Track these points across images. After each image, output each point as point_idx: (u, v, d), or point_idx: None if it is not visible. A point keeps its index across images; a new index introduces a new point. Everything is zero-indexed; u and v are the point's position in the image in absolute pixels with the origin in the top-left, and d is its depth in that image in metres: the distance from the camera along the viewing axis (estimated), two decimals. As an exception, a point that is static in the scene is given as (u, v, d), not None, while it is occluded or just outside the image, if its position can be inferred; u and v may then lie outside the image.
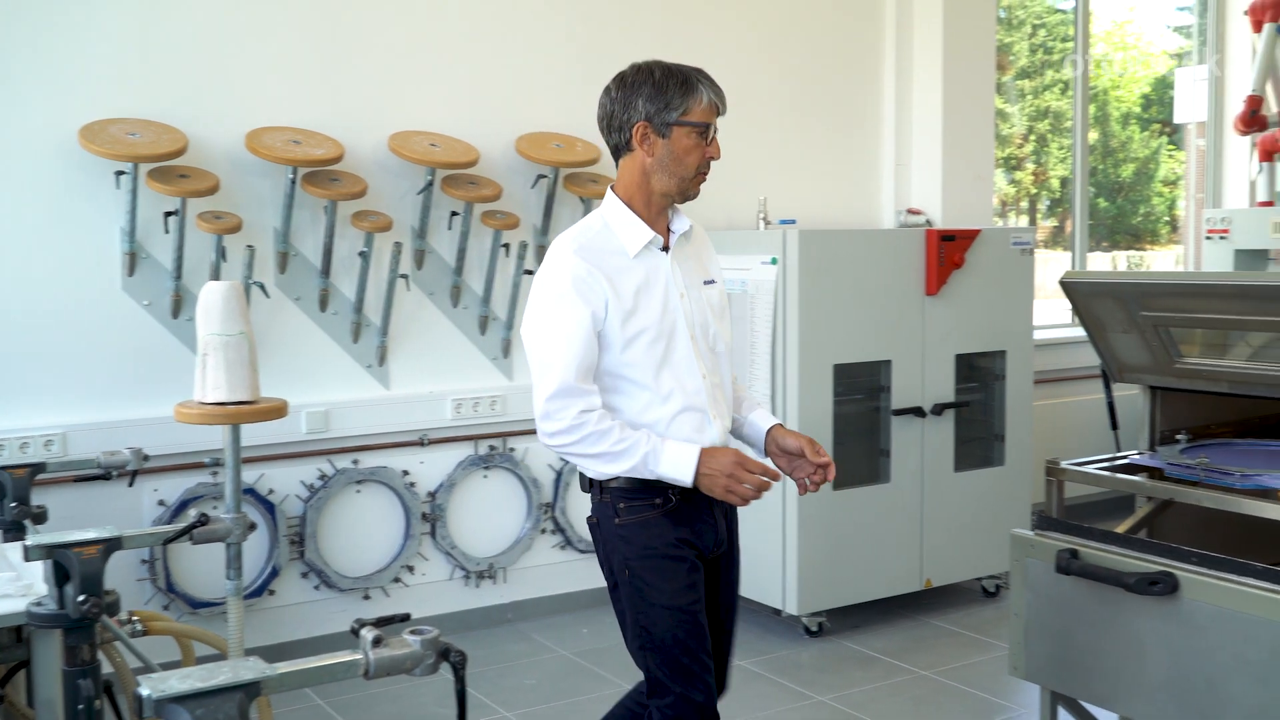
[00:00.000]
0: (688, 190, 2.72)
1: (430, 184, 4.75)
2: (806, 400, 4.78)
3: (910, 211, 5.95)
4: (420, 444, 4.91)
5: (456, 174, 4.82)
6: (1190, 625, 2.52)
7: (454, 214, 4.87)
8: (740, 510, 5.16)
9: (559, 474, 5.23)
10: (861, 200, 6.04)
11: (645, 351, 2.62)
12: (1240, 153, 7.83)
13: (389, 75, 4.82)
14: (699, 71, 2.71)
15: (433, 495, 4.96)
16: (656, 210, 2.72)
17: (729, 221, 5.61)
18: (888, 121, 6.05)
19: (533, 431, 5.06)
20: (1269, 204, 6.58)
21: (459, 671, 1.93)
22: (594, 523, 2.75)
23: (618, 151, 2.73)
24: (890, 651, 4.76)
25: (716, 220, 5.58)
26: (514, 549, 5.15)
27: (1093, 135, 7.83)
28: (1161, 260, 8.69)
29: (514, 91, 5.09)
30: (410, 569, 4.93)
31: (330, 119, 4.67)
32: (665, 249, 2.72)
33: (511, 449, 5.12)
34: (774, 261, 4.81)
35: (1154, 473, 2.88)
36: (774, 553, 4.89)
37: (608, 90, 2.72)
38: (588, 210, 5.11)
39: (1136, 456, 2.98)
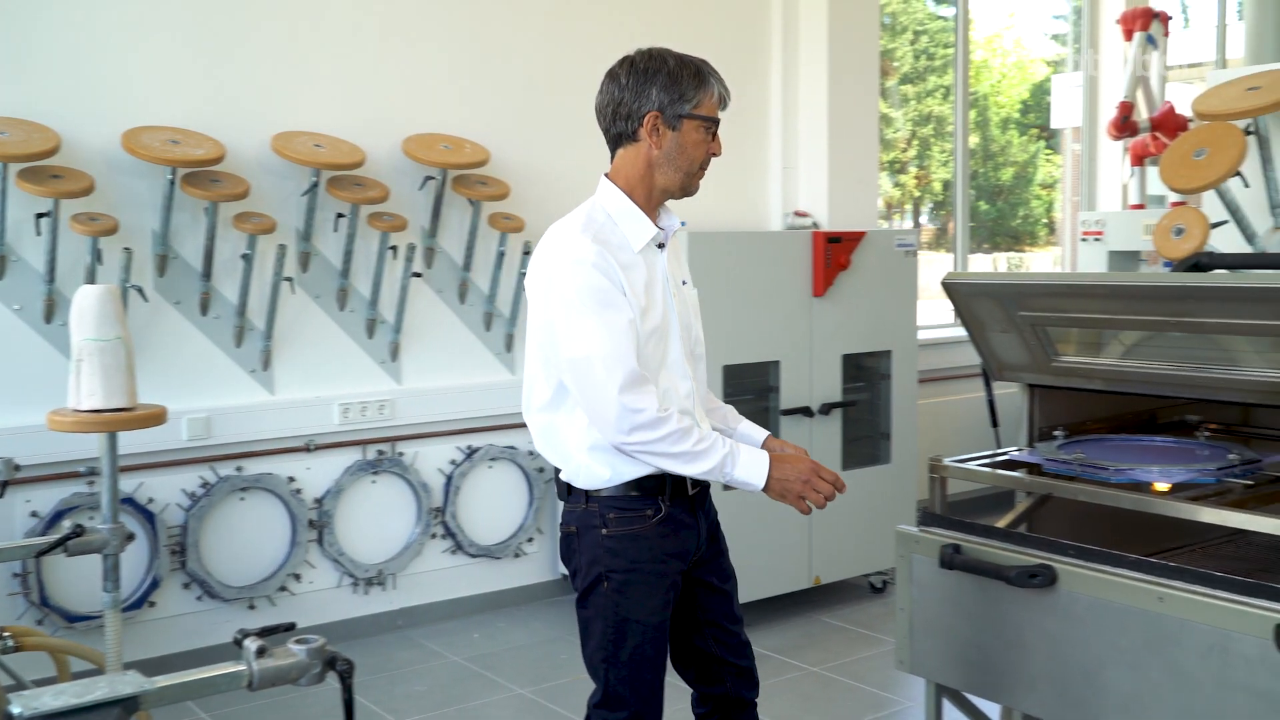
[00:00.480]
0: (689, 186, 2.64)
1: (315, 185, 4.68)
2: (697, 401, 4.81)
3: (797, 214, 6.02)
4: (306, 450, 4.83)
5: (342, 175, 4.75)
6: (1068, 616, 2.58)
7: (340, 216, 4.79)
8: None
9: (449, 478, 5.18)
10: (749, 203, 6.10)
11: (652, 351, 2.52)
12: (1114, 157, 8.09)
13: (272, 74, 4.73)
14: (708, 64, 2.62)
15: (320, 502, 4.88)
16: (656, 204, 2.63)
17: (619, 223, 5.60)
18: (775, 125, 6.12)
19: (423, 435, 5.07)
20: (1140, 207, 6.81)
21: (346, 680, 1.90)
22: (572, 531, 2.62)
23: (618, 140, 2.62)
24: (780, 649, 4.81)
25: (606, 222, 5.58)
26: (403, 555, 5.10)
27: (973, 140, 8.02)
28: (1040, 261, 8.94)
29: (401, 91, 5.04)
30: (297, 577, 4.84)
31: (211, 118, 4.56)
32: (660, 246, 2.63)
33: (401, 453, 5.06)
34: (663, 263, 4.81)
35: (1033, 468, 2.96)
36: (666, 553, 4.90)
37: (614, 76, 2.59)
38: (477, 213, 5.08)
39: (1016, 453, 3.05)
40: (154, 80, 4.48)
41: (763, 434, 2.82)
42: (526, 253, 5.21)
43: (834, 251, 5.16)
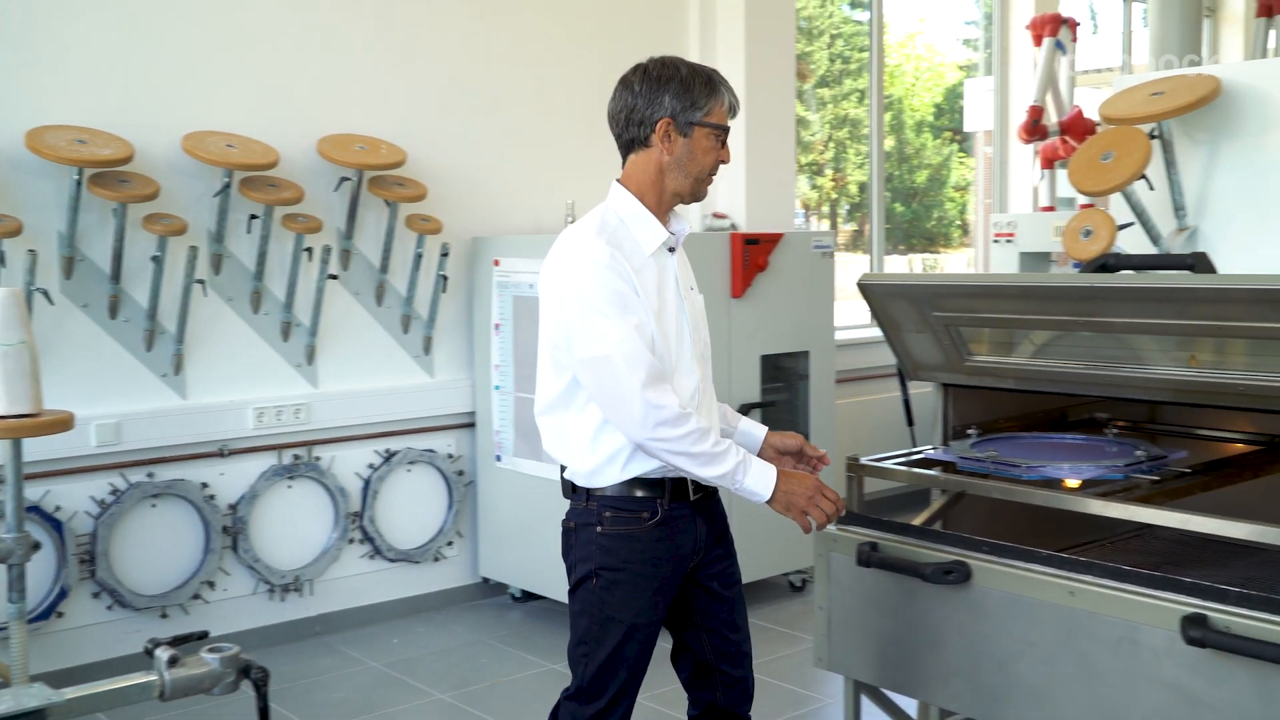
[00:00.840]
0: (698, 191, 2.68)
1: (227, 186, 4.60)
2: (617, 403, 4.81)
3: (715, 215, 6.05)
4: (220, 455, 4.75)
5: (255, 176, 4.67)
6: (982, 611, 2.63)
7: (253, 217, 4.72)
8: (548, 512, 5.15)
9: (367, 482, 5.13)
10: (668, 204, 6.11)
11: (664, 353, 2.55)
12: (1024, 160, 8.25)
13: (182, 72, 4.64)
14: (718, 73, 2.67)
15: (234, 507, 4.80)
16: (666, 209, 2.68)
17: (536, 225, 5.60)
18: (693, 127, 6.13)
19: (340, 439, 5.02)
20: (1051, 209, 6.95)
21: (261, 689, 1.88)
22: (571, 527, 2.68)
23: (630, 146, 2.68)
24: (702, 649, 4.83)
25: (524, 224, 5.57)
26: (321, 560, 5.03)
27: (889, 143, 8.12)
28: (953, 262, 9.08)
29: (316, 91, 4.98)
30: (211, 585, 4.75)
31: (119, 117, 4.46)
32: (671, 250, 2.69)
33: (317, 458, 5.00)
34: (583, 265, 4.81)
35: (947, 466, 3.00)
36: (587, 555, 4.90)
37: (628, 83, 2.66)
38: (394, 214, 5.04)
39: (931, 451, 3.09)
40: (60, 78, 4.38)
41: (762, 430, 2.87)
42: (445, 254, 5.17)
43: (752, 253, 5.19)
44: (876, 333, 3.23)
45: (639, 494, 2.60)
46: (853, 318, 7.06)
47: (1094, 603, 2.43)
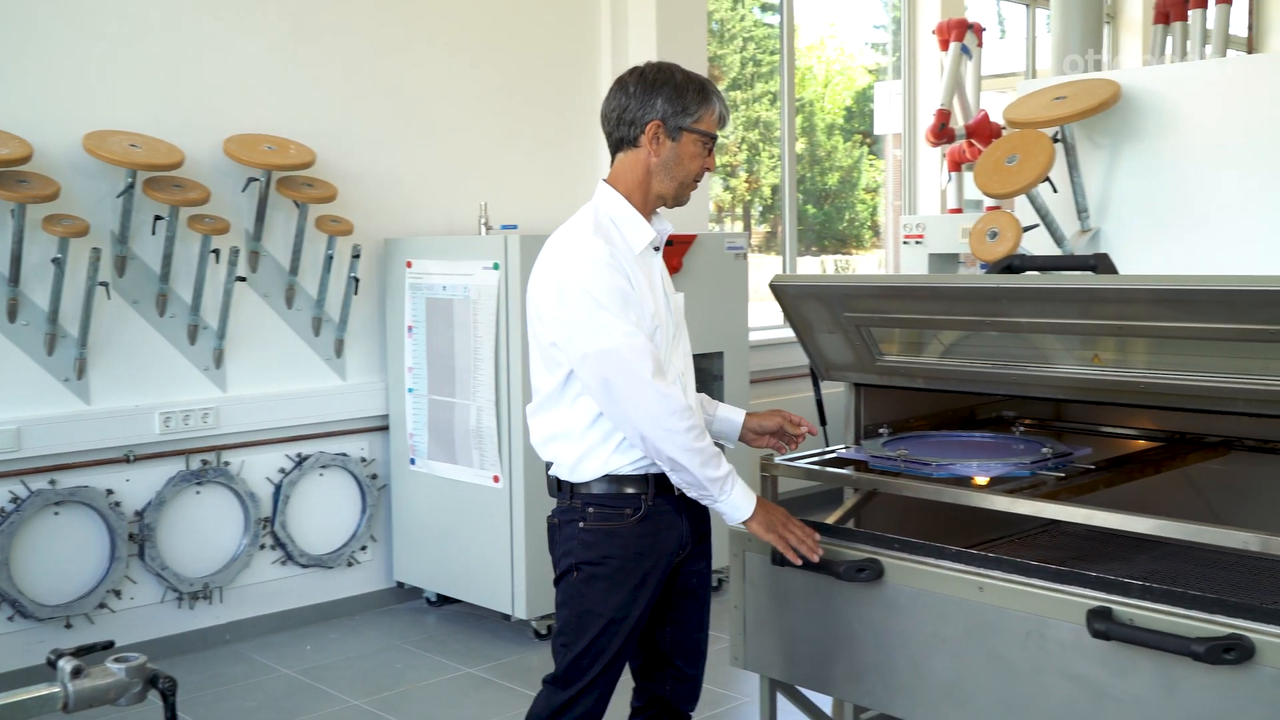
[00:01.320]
0: (681, 196, 2.74)
1: (131, 186, 4.50)
2: (532, 404, 4.80)
3: (630, 217, 6.05)
4: (126, 461, 4.64)
5: (160, 176, 4.58)
6: (894, 608, 2.66)
7: (158, 218, 4.62)
8: (463, 515, 5.13)
9: (278, 487, 5.05)
10: (582, 205, 6.10)
11: (658, 349, 2.61)
12: (932, 163, 8.39)
13: (84, 69, 4.53)
14: (712, 82, 2.70)
15: (140, 514, 4.69)
16: (650, 210, 2.73)
17: (450, 227, 5.57)
18: (606, 128, 6.14)
19: (250, 444, 4.94)
20: (958, 211, 7.08)
21: (168, 699, 1.84)
22: (555, 523, 2.74)
23: (619, 145, 2.70)
24: (618, 650, 4.83)
25: (437, 225, 5.54)
26: (230, 567, 4.95)
27: (800, 145, 8.20)
28: (865, 264, 9.20)
29: (222, 90, 4.89)
30: (117, 593, 4.65)
31: (17, 116, 4.35)
32: (656, 249, 2.74)
33: (226, 463, 4.91)
34: (496, 267, 4.80)
35: (859, 465, 3.04)
36: (501, 557, 4.88)
37: (623, 84, 2.68)
38: (303, 215, 4.97)
39: (843, 450, 3.13)
40: (-46, 75, 4.25)
41: (740, 413, 2.93)
42: (356, 256, 5.11)
43: (666, 254, 5.14)
44: (789, 333, 3.26)
45: (624, 490, 2.64)
46: (766, 319, 7.11)
47: (1003, 598, 2.47)
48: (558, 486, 2.72)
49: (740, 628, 2.99)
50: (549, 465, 2.74)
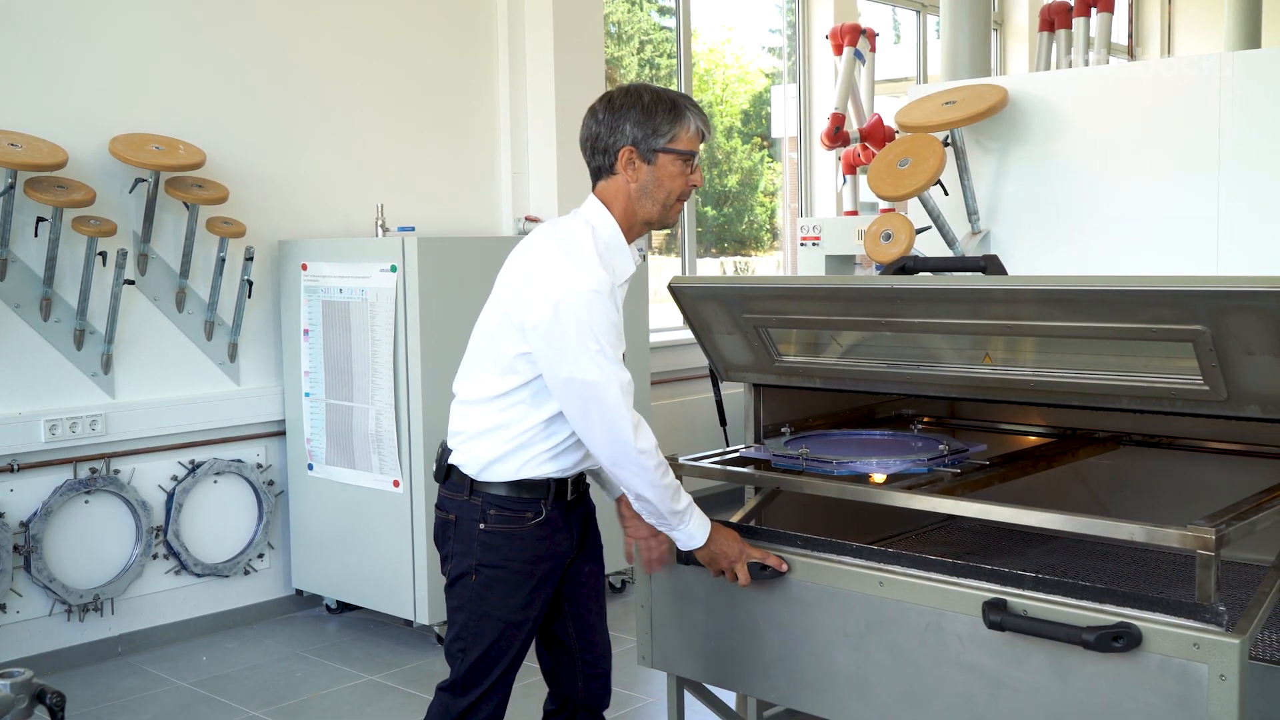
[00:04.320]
0: (667, 218, 2.68)
1: (11, 187, 4.36)
2: (430, 408, 4.76)
3: (528, 219, 6.05)
4: (10, 470, 4.50)
5: (42, 177, 4.45)
6: (798, 604, 2.69)
7: (41, 220, 4.49)
8: (363, 520, 5.07)
9: (171, 495, 4.94)
10: (480, 208, 6.09)
11: None
12: (828, 166, 8.51)
13: (-39, 67, 4.39)
14: (686, 98, 2.65)
15: (26, 525, 4.55)
16: (635, 235, 2.69)
17: (347, 228, 5.50)
18: (504, 131, 6.13)
19: (141, 451, 4.82)
20: (854, 213, 7.19)
21: (57, 714, 1.79)
22: (450, 520, 2.69)
23: (599, 173, 2.67)
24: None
25: (333, 227, 5.46)
26: (122, 578, 4.82)
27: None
28: (764, 265, 9.29)
29: (108, 87, 4.77)
30: (2, 607, 4.50)
31: (-110, 114, 4.19)
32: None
33: (116, 471, 4.78)
34: (393, 269, 4.75)
35: (761, 464, 3.07)
36: (403, 563, 4.84)
37: (593, 112, 2.65)
38: (194, 217, 4.87)
39: (746, 450, 3.16)
40: None
41: None
42: (249, 258, 5.02)
43: (566, 256, 5.19)
44: (689, 335, 3.28)
45: (524, 495, 2.64)
46: (666, 320, 7.14)
47: (902, 591, 2.52)
48: (447, 476, 2.70)
49: (647, 627, 3.00)
50: (446, 452, 2.72)
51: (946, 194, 4.63)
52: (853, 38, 7.38)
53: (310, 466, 5.16)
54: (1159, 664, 2.18)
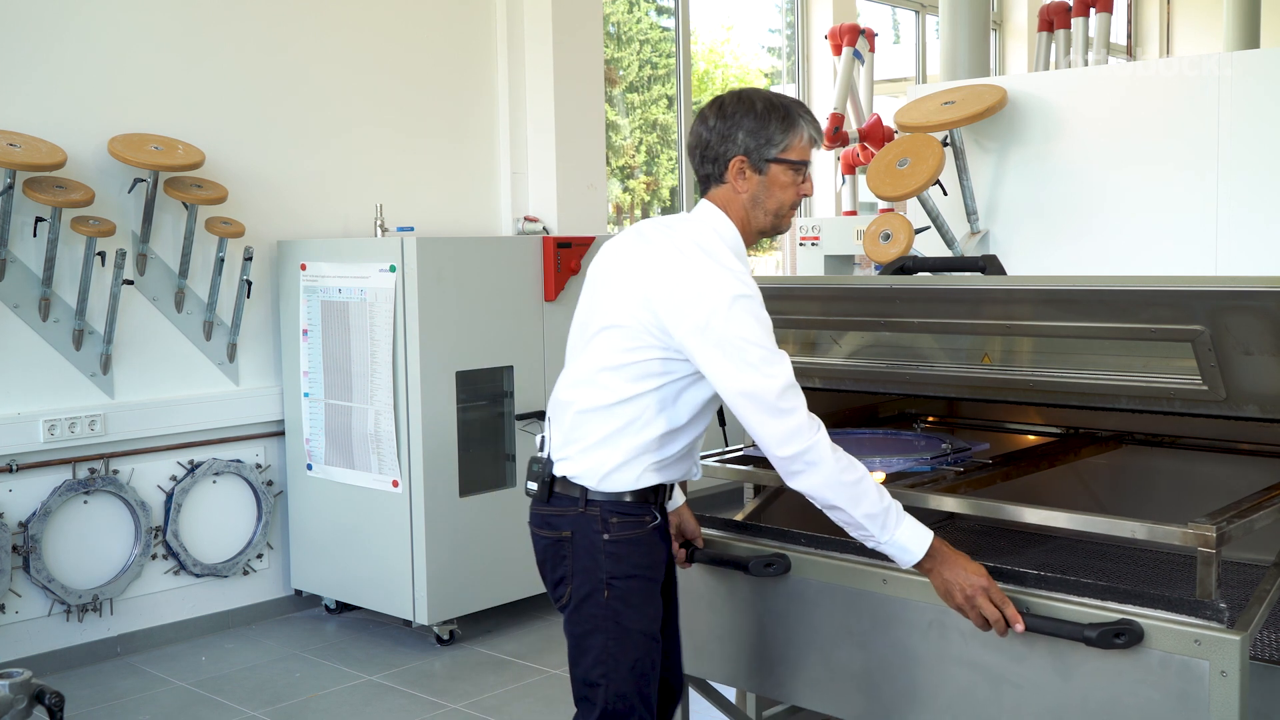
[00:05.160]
0: (780, 226, 2.58)
1: (10, 187, 4.36)
2: (430, 408, 4.76)
3: (527, 219, 6.05)
4: (9, 470, 4.50)
5: (41, 177, 4.45)
6: (801, 601, 2.70)
7: (40, 220, 4.49)
8: (362, 520, 5.07)
9: (169, 495, 4.94)
10: (479, 208, 6.09)
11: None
12: (827, 166, 8.51)
13: (-40, 67, 4.39)
14: (799, 105, 2.55)
15: (25, 525, 4.55)
16: (750, 243, 2.59)
17: (346, 229, 5.50)
18: (502, 131, 6.13)
19: (140, 451, 4.81)
20: (852, 214, 7.19)
21: (55, 714, 1.79)
22: (565, 536, 2.52)
23: (707, 181, 2.55)
24: (522, 654, 4.82)
25: (331, 227, 5.46)
26: (121, 578, 4.82)
27: (697, 147, 8.24)
28: (762, 265, 9.29)
29: (107, 87, 4.77)
30: (1, 608, 4.50)
31: (-111, 114, 4.19)
32: None
33: (115, 471, 4.78)
34: (392, 269, 4.75)
35: (762, 462, 3.06)
36: (402, 563, 4.84)
37: (703, 118, 2.54)
38: (193, 217, 4.87)
39: (749, 449, 3.15)
40: None
41: (681, 498, 2.82)
42: (248, 259, 5.02)
43: (564, 256, 5.21)
44: (689, 334, 3.26)
45: (639, 499, 2.51)
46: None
47: (905, 589, 2.52)
48: (551, 491, 2.55)
49: None
50: (550, 464, 2.56)
51: (945, 194, 4.63)
52: (852, 38, 7.38)
53: (309, 467, 5.16)
54: (1160, 660, 2.19)
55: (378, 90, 5.65)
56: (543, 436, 2.64)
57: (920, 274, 2.87)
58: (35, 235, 4.52)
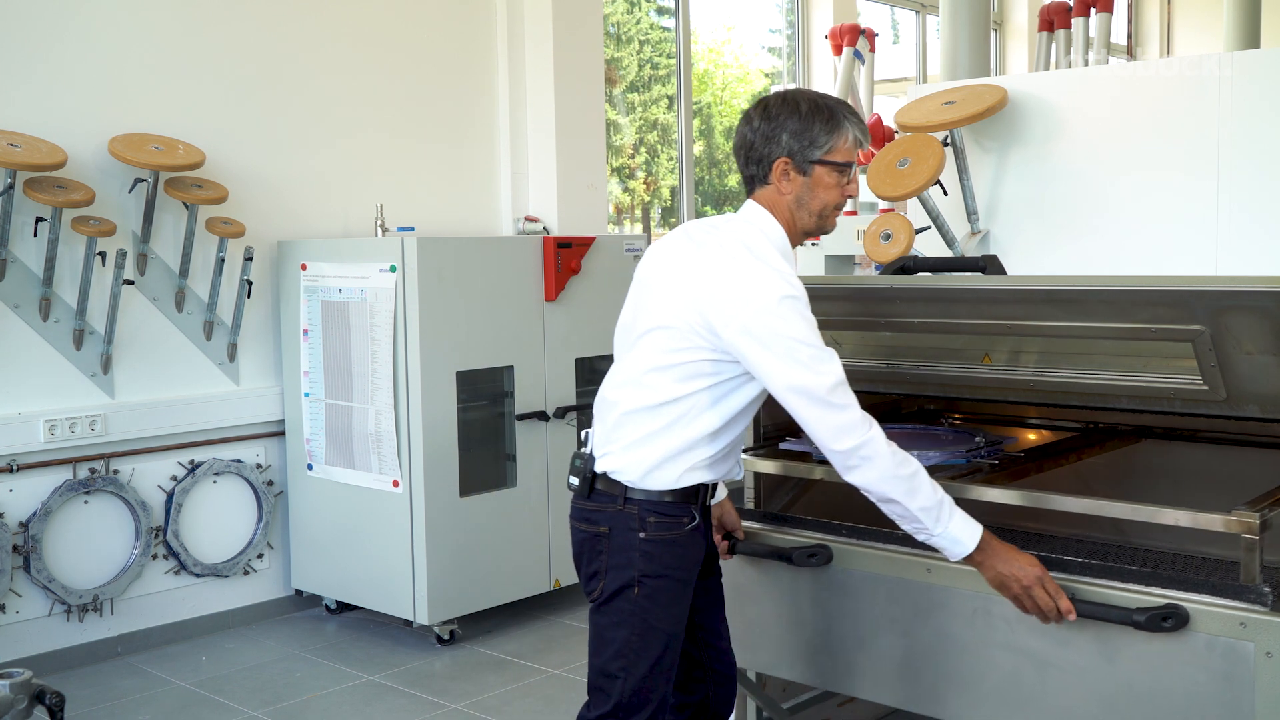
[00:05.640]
0: (824, 227, 2.59)
1: (11, 187, 4.36)
2: (430, 408, 4.76)
3: (528, 219, 6.05)
4: (9, 470, 4.50)
5: (42, 177, 4.45)
6: (843, 591, 2.74)
7: (40, 220, 4.49)
8: (363, 520, 5.07)
9: (170, 495, 4.94)
10: (480, 208, 6.09)
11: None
12: (827, 166, 8.47)
13: (-40, 67, 4.39)
14: (843, 105, 2.56)
15: (25, 525, 4.55)
16: (796, 244, 2.59)
17: (346, 229, 5.50)
18: (503, 131, 6.13)
19: (140, 451, 4.82)
20: (853, 213, 7.18)
21: (56, 714, 1.80)
22: (601, 533, 2.56)
23: (752, 182, 2.57)
24: (522, 653, 4.82)
25: (332, 227, 5.46)
26: (122, 578, 4.82)
27: (699, 147, 8.26)
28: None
29: (107, 87, 4.77)
30: (2, 608, 4.50)
31: (-111, 114, 4.19)
32: None
33: (116, 471, 4.78)
34: (393, 269, 4.75)
35: (802, 456, 3.06)
36: (402, 563, 4.84)
37: (748, 119, 2.56)
38: (193, 217, 4.87)
39: (784, 444, 3.15)
40: None
41: (724, 493, 2.86)
42: (248, 258, 5.02)
43: (565, 256, 5.21)
44: (689, 334, 3.25)
45: (679, 499, 2.55)
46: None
47: (950, 578, 2.56)
48: (592, 487, 2.58)
49: None
50: (591, 461, 2.59)
51: (946, 194, 4.63)
52: (852, 38, 7.37)
53: (310, 466, 5.16)
54: (1206, 643, 2.25)
55: (378, 90, 5.65)
56: (587, 432, 2.68)
57: (921, 274, 2.87)
58: (36, 235, 4.52)
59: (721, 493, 2.84)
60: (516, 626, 5.13)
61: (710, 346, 2.46)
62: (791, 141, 2.51)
